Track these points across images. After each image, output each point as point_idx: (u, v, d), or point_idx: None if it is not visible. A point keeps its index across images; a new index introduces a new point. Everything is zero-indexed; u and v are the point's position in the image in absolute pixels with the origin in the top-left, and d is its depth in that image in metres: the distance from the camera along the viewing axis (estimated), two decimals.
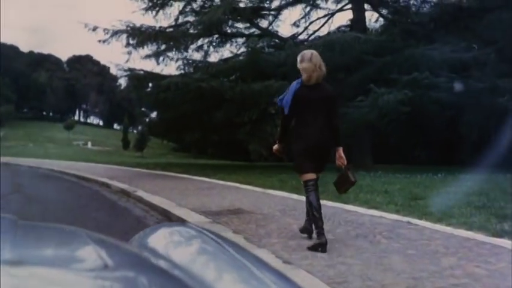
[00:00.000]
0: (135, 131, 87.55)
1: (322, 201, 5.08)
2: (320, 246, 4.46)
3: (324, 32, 19.59)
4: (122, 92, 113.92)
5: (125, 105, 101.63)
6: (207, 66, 17.52)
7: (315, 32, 19.90)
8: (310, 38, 19.27)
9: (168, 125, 20.40)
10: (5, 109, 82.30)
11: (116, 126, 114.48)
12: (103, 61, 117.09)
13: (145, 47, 17.56)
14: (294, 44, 16.65)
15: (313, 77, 4.72)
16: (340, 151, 4.84)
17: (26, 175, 18.35)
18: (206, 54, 19.26)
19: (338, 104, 5.34)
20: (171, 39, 17.34)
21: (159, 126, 22.96)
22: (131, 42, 17.39)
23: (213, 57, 19.79)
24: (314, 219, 4.65)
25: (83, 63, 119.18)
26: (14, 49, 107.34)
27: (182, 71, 17.83)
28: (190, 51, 18.74)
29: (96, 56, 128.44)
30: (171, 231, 1.47)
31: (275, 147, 5.16)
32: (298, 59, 4.84)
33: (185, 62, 18.23)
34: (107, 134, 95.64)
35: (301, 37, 19.91)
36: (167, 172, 16.17)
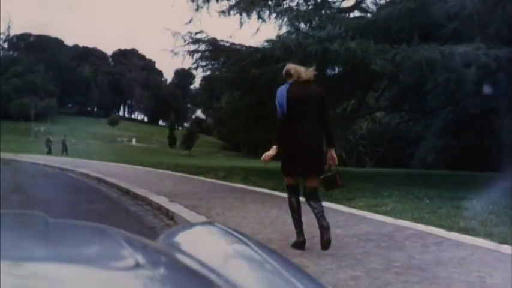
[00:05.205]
0: (180, 128, 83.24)
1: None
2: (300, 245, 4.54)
3: None
4: (168, 87, 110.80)
5: (171, 101, 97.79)
6: (331, 21, 10.40)
7: None
8: None
9: (255, 115, 13.47)
10: (47, 103, 78.72)
11: (161, 122, 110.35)
12: (149, 54, 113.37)
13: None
14: None
15: (303, 74, 4.55)
16: (333, 152, 4.65)
17: (49, 183, 13.30)
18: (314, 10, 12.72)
19: (328, 104, 4.92)
20: None
21: (237, 118, 15.21)
22: None
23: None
24: (295, 221, 4.61)
25: (128, 57, 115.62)
26: (58, 42, 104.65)
27: (290, 29, 11.42)
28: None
29: (142, 51, 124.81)
30: (198, 230, 1.49)
31: (269, 152, 4.55)
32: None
33: (293, 14, 11.38)
34: (152, 131, 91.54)
35: None
36: (256, 187, 10.35)
